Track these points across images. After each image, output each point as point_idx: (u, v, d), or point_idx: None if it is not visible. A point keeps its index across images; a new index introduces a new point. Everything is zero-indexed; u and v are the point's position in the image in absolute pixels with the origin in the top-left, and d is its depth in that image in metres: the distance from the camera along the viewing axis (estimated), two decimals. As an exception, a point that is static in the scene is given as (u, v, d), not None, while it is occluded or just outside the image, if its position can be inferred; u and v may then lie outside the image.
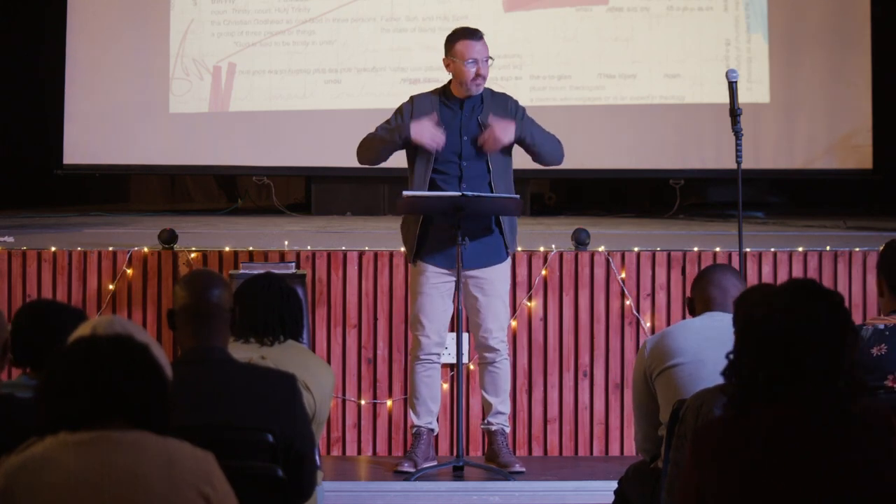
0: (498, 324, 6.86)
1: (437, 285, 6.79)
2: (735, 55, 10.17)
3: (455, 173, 6.78)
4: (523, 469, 6.88)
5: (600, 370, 7.48)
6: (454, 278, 6.73)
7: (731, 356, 3.12)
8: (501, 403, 6.96)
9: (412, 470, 6.82)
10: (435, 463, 6.93)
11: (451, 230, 6.62)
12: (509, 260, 6.93)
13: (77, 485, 2.91)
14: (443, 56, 6.87)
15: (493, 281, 6.82)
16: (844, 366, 3.04)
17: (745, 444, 3.01)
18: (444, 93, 6.87)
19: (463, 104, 6.82)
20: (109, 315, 5.20)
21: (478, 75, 6.75)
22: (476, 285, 6.79)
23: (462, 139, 6.78)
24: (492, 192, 6.71)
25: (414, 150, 6.80)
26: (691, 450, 3.08)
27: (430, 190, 6.74)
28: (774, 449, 2.99)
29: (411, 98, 6.91)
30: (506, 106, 6.85)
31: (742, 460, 3.00)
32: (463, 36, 6.80)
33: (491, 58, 6.81)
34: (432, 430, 6.97)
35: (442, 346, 6.91)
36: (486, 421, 6.99)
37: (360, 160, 6.93)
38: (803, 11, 10.25)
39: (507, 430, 7.00)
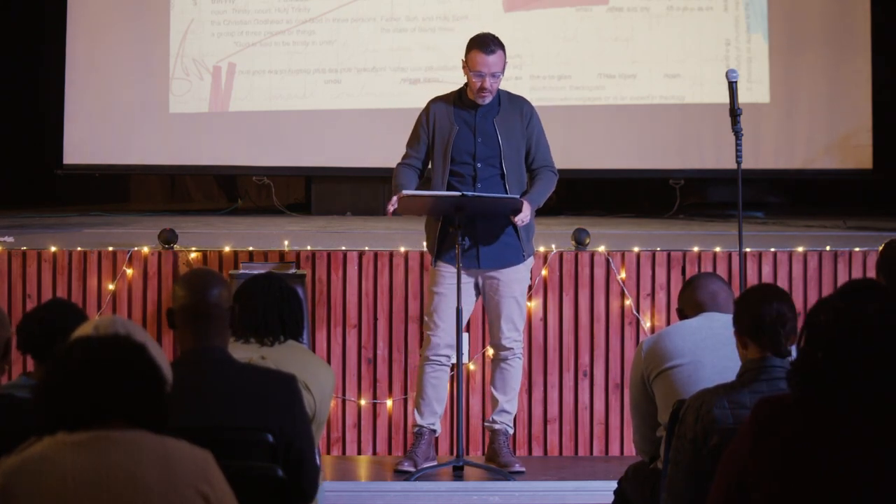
0: (511, 324, 6.87)
1: (454, 286, 6.78)
2: (735, 55, 10.17)
3: (469, 174, 6.80)
4: (523, 469, 6.88)
5: (600, 370, 7.48)
6: (472, 279, 6.79)
7: (796, 362, 3.11)
8: (508, 402, 6.95)
9: (412, 469, 6.82)
10: (435, 463, 6.93)
11: (467, 231, 6.65)
12: (529, 261, 6.92)
13: (76, 485, 2.91)
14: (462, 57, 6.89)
15: (509, 282, 6.83)
16: None
17: (814, 423, 3.01)
18: (460, 95, 6.88)
19: (478, 106, 6.83)
20: (111, 315, 5.21)
21: (482, 88, 6.76)
22: (491, 286, 6.81)
23: (476, 141, 6.79)
24: (506, 192, 6.72)
25: (432, 152, 6.83)
26: (754, 417, 3.07)
27: (447, 191, 6.75)
28: (841, 437, 3.00)
29: (428, 105, 6.91)
30: (521, 111, 6.86)
31: (808, 438, 3.00)
32: (476, 46, 6.79)
33: (498, 73, 6.76)
34: (434, 431, 6.97)
35: (452, 348, 6.86)
36: (490, 419, 6.98)
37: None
38: (803, 12, 10.25)
39: (511, 431, 7.00)
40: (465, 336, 6.98)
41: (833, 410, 3.02)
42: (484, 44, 6.79)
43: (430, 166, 6.90)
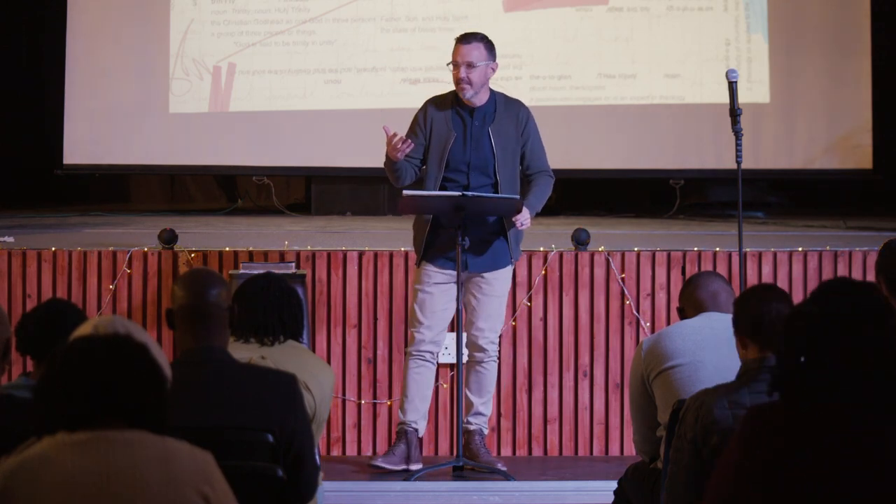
0: (490, 324, 6.87)
1: (439, 284, 6.80)
2: (735, 55, 10.17)
3: (463, 182, 6.77)
4: (505, 468, 6.86)
5: (600, 370, 7.48)
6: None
7: (778, 363, 3.14)
8: (483, 405, 6.95)
9: (386, 466, 6.82)
10: (419, 465, 6.89)
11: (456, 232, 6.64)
12: (512, 266, 6.94)
13: (75, 485, 2.91)
14: None
15: (493, 283, 6.83)
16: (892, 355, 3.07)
17: (802, 429, 3.02)
18: (456, 98, 6.86)
19: (474, 112, 6.81)
20: (110, 315, 5.20)
21: (457, 79, 6.74)
22: (476, 285, 6.81)
23: (470, 149, 6.77)
24: None
25: (427, 155, 6.81)
26: (743, 427, 3.08)
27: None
28: (830, 438, 3.00)
29: (425, 106, 6.89)
30: (517, 115, 6.83)
31: (797, 446, 3.00)
32: (456, 39, 6.84)
33: (473, 62, 6.75)
34: (416, 430, 6.93)
35: (437, 345, 6.89)
36: (465, 420, 6.96)
37: (392, 183, 6.93)
38: (803, 12, 10.25)
39: (486, 431, 6.99)
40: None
41: (821, 414, 3.03)
42: (462, 36, 6.82)
43: (423, 167, 6.89)
